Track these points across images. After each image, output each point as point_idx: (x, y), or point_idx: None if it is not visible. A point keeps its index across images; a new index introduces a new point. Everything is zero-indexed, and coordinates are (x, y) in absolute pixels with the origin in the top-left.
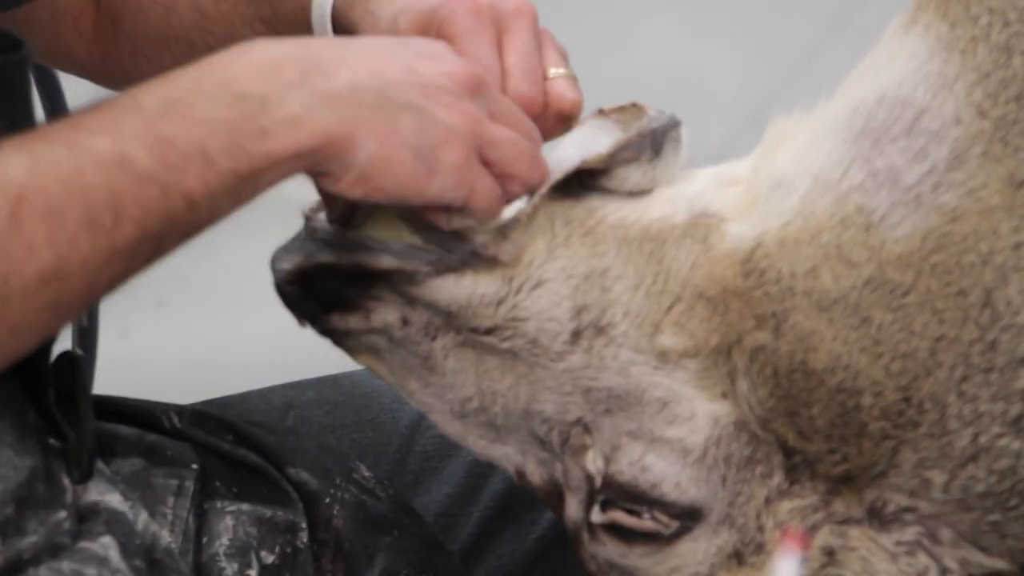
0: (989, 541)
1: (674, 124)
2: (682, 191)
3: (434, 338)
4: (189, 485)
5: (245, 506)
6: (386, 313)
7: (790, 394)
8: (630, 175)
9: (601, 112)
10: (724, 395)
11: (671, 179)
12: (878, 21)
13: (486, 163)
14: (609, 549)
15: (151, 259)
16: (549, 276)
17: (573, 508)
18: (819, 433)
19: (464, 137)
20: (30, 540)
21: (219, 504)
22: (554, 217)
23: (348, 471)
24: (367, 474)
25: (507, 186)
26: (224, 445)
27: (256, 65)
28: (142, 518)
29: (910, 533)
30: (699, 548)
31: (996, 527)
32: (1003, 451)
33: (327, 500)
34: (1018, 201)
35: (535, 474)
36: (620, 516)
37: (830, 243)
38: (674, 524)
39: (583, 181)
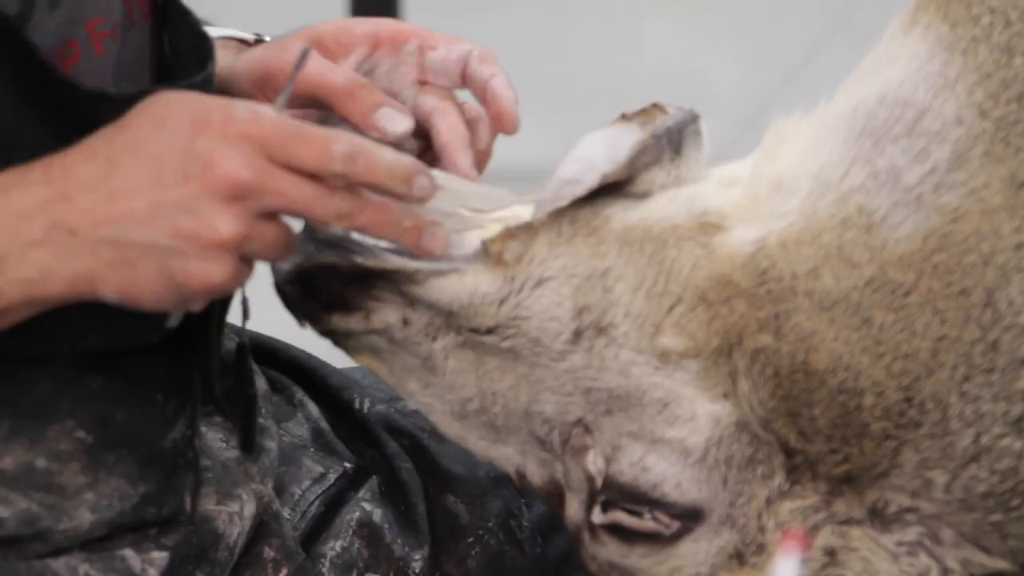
0: (991, 541)
1: (691, 119)
2: (684, 192)
3: (434, 339)
4: (331, 476)
5: (378, 512)
6: (387, 314)
7: (791, 395)
8: (655, 178)
9: (624, 117)
10: (725, 396)
11: (698, 174)
12: (878, 21)
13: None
14: (610, 550)
15: None
16: (550, 274)
17: (574, 509)
18: (820, 433)
19: (226, 249)
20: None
21: (359, 494)
22: (562, 216)
23: (507, 515)
24: (526, 523)
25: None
26: (392, 449)
27: (4, 218)
28: (268, 491)
29: (912, 533)
30: (700, 548)
31: (998, 527)
32: (1005, 451)
33: (470, 539)
34: (1019, 201)
35: (536, 475)
36: (621, 517)
37: (831, 243)
38: (675, 525)
39: (607, 190)
